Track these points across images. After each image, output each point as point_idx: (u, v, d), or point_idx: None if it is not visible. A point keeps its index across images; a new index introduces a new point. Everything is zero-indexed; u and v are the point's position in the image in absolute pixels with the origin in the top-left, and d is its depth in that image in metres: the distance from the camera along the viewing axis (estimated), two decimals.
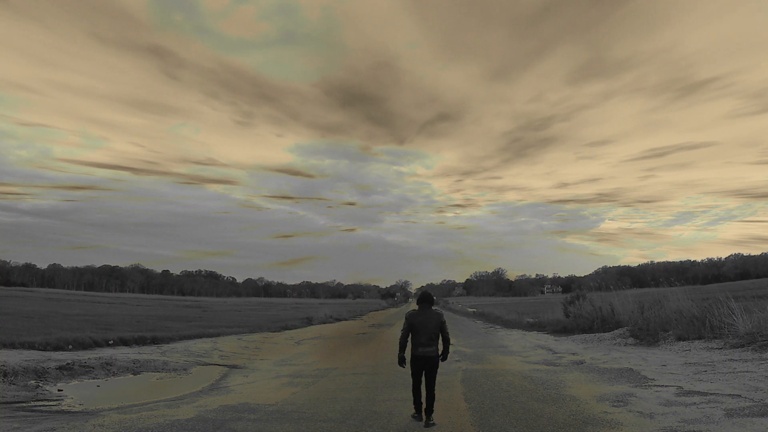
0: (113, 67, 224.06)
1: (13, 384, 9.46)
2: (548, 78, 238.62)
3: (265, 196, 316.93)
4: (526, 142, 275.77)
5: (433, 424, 6.07)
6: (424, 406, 6.23)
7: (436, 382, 6.31)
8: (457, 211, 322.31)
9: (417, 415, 6.32)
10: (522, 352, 15.02)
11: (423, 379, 6.28)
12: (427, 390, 6.19)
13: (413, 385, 6.30)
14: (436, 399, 6.29)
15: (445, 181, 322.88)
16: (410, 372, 6.31)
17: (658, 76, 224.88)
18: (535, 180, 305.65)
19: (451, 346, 6.57)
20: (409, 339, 6.27)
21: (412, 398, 6.40)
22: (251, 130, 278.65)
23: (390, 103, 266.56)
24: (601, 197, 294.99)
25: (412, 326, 6.22)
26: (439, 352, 6.30)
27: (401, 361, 6.28)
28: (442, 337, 6.31)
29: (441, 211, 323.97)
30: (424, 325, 6.19)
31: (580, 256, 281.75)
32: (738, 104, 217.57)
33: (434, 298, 6.69)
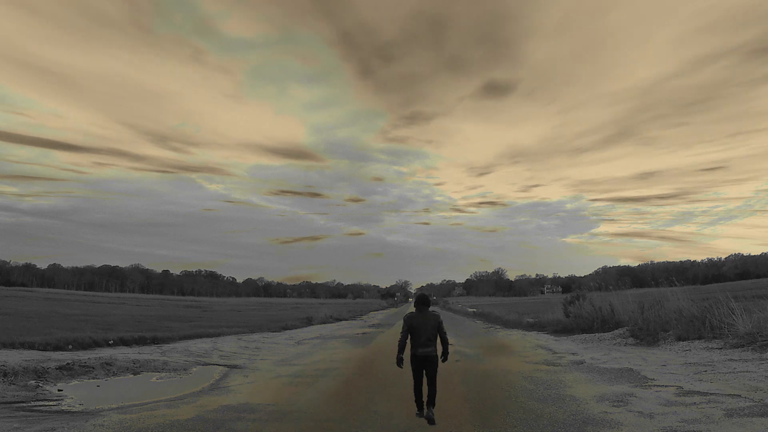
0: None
1: (13, 384, 9.46)
2: None
3: (265, 196, 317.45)
4: None
5: (433, 417, 6.20)
6: (425, 402, 6.36)
7: (437, 379, 6.43)
8: (457, 211, 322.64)
9: (419, 413, 6.44)
10: (522, 352, 15.02)
11: (424, 378, 6.41)
12: (429, 387, 6.33)
13: (414, 384, 6.45)
14: (438, 393, 6.45)
15: (446, 182, 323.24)
16: (411, 372, 6.45)
17: None
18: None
19: (450, 347, 6.66)
20: (408, 340, 6.40)
21: (413, 397, 6.52)
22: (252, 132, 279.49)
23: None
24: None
25: (411, 328, 6.37)
26: (439, 353, 6.41)
27: (399, 362, 6.38)
28: (440, 338, 6.43)
29: (441, 211, 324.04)
30: (422, 327, 6.35)
31: (580, 256, 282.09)
32: None
33: (431, 299, 6.84)
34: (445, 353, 6.48)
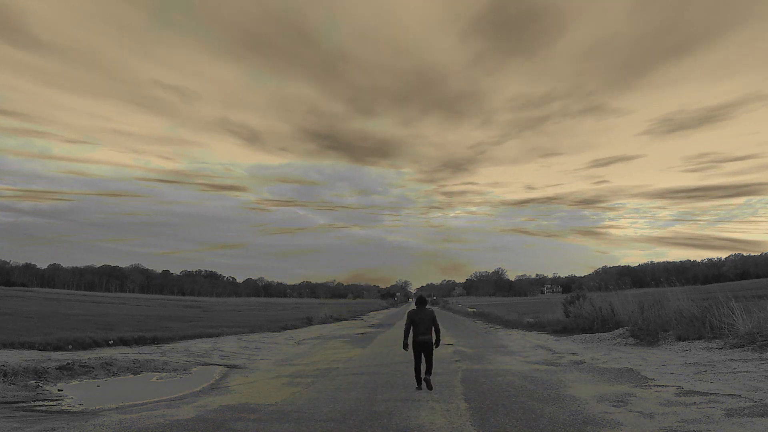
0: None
1: (13, 384, 9.46)
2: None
3: (265, 195, 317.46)
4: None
5: (430, 381, 8.40)
6: (423, 375, 8.50)
7: (432, 358, 8.62)
8: (458, 211, 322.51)
9: (418, 387, 8.50)
10: (522, 352, 15.01)
11: (422, 359, 8.55)
12: (427, 363, 8.54)
13: (415, 364, 8.61)
14: (434, 390, 8.38)
15: (445, 181, 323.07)
16: (412, 355, 8.64)
17: None
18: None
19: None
20: (411, 330, 8.56)
21: (414, 376, 8.79)
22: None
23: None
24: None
25: (412, 321, 8.54)
26: (433, 340, 8.58)
27: (405, 347, 8.78)
28: (434, 328, 8.58)
29: (441, 211, 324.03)
30: (421, 319, 8.53)
31: (580, 256, 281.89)
32: None
33: (428, 299, 9.37)
34: (437, 340, 8.64)
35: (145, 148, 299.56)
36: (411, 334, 8.54)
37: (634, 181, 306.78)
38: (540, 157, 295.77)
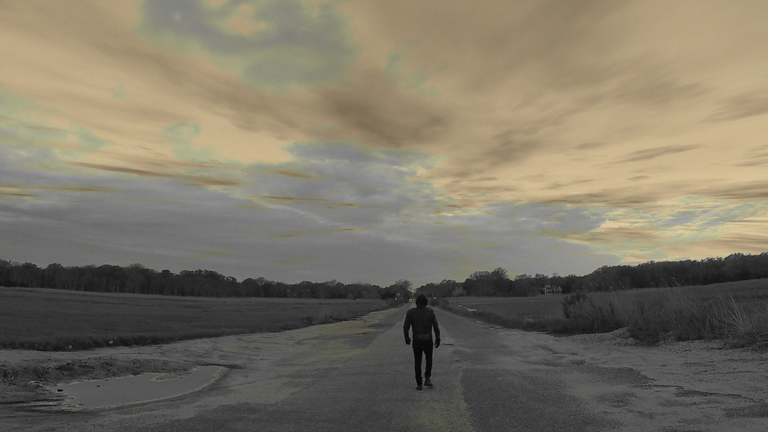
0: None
1: (13, 384, 9.46)
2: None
3: (265, 196, 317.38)
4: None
5: (431, 384, 8.76)
6: (423, 375, 8.76)
7: (433, 360, 9.19)
8: (457, 211, 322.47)
9: (418, 386, 8.55)
10: (522, 352, 15.01)
11: (423, 357, 8.80)
12: (426, 363, 8.90)
13: (415, 362, 8.81)
14: (434, 389, 8.55)
15: (445, 181, 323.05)
16: (413, 354, 8.92)
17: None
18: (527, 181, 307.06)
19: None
20: (411, 329, 8.86)
21: (414, 375, 9.07)
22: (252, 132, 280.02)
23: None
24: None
25: (411, 319, 8.86)
26: (433, 340, 8.89)
27: (407, 341, 8.99)
28: (433, 327, 8.86)
29: (441, 211, 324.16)
30: (420, 318, 8.82)
31: (580, 256, 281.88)
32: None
33: (429, 299, 10.54)
34: (437, 339, 8.94)
35: (146, 147, 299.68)
36: (411, 332, 8.91)
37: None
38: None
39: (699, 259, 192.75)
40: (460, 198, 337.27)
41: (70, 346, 14.72)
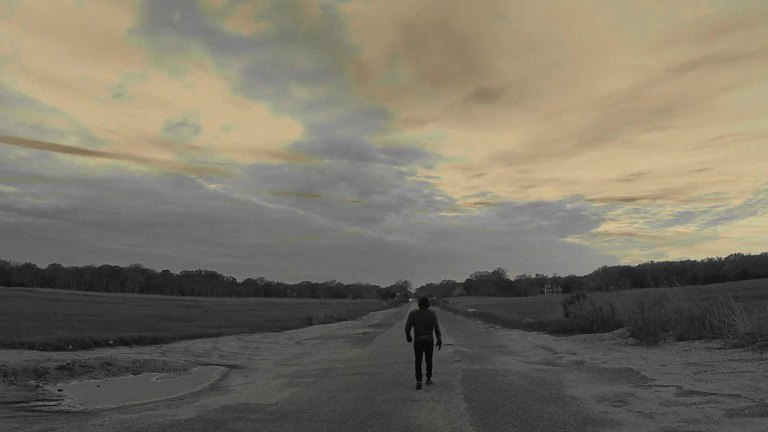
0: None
1: (13, 384, 9.46)
2: None
3: (265, 195, 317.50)
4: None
5: (432, 382, 9.00)
6: (423, 375, 8.94)
7: (433, 360, 9.34)
8: (457, 211, 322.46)
9: (418, 383, 8.70)
10: (522, 352, 15.00)
11: (423, 357, 8.98)
12: (427, 363, 9.09)
13: (416, 361, 8.97)
14: (434, 390, 8.54)
15: (445, 181, 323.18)
16: (413, 354, 9.22)
17: None
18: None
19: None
20: (413, 330, 9.05)
21: (414, 374, 9.08)
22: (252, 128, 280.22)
23: None
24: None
25: (413, 320, 9.05)
26: (435, 342, 9.11)
27: (409, 339, 9.17)
28: (434, 329, 9.02)
29: (441, 211, 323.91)
30: (421, 320, 9.01)
31: (580, 256, 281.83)
32: None
33: (430, 300, 9.87)
34: (438, 341, 9.31)
35: (146, 147, 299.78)
36: (412, 332, 9.11)
37: None
38: None
39: (699, 259, 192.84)
40: (461, 198, 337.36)
41: (70, 346, 14.72)
